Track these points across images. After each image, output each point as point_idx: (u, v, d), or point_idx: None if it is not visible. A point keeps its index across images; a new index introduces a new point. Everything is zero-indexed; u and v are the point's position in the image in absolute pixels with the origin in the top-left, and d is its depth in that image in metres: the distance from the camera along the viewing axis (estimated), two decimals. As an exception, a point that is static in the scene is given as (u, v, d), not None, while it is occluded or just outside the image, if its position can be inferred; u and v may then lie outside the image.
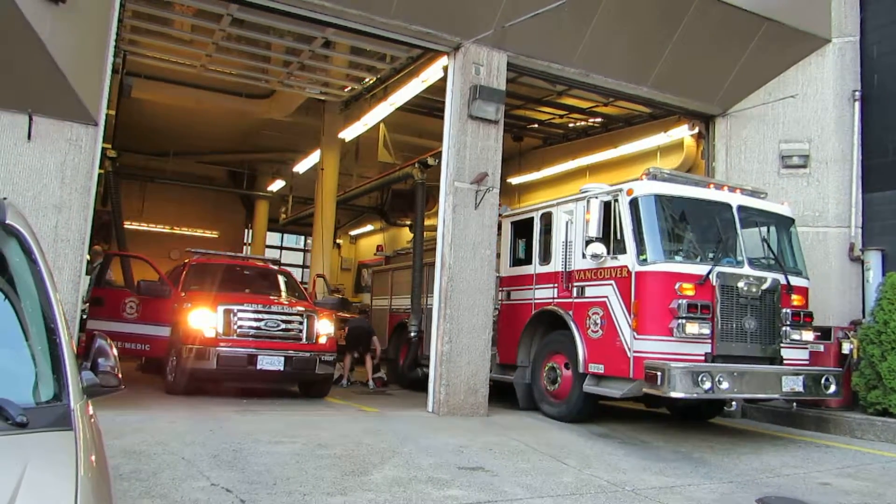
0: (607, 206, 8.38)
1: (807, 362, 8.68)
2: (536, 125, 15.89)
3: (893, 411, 8.74)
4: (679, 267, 7.91)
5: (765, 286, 8.07)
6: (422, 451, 6.63)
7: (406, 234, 21.92)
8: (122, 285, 12.06)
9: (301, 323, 9.82)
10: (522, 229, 10.05)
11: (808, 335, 8.63)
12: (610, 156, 14.94)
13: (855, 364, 9.40)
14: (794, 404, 9.46)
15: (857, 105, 10.60)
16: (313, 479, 5.35)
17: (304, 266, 28.39)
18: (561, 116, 15.03)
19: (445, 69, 9.65)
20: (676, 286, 7.72)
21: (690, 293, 7.70)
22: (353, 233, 27.84)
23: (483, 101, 9.14)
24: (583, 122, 15.30)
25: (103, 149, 13.89)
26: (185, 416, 7.77)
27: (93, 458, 2.14)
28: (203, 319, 9.32)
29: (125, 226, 21.57)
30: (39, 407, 2.15)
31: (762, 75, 10.95)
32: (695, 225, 8.54)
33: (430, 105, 13.28)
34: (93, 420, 2.49)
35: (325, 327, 10.01)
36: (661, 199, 8.17)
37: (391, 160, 15.18)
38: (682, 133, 13.10)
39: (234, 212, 26.34)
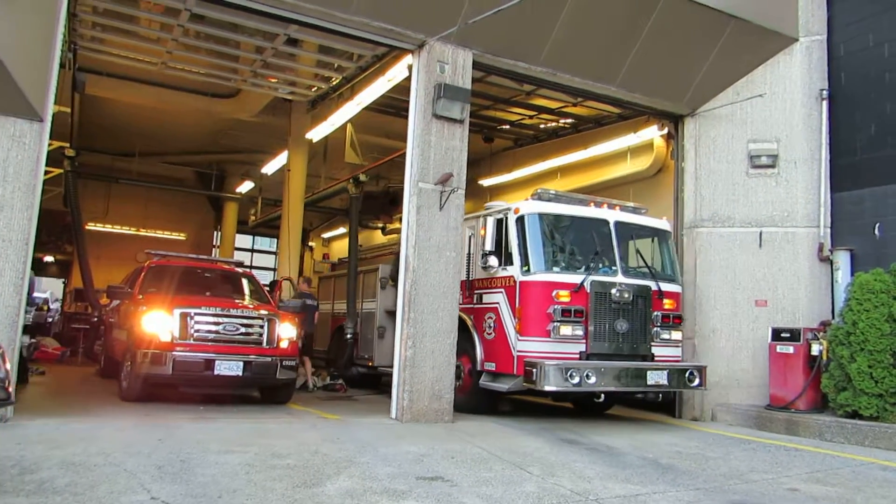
0: (500, 223, 9.53)
1: (678, 358, 9.75)
2: (507, 126, 15.74)
3: (863, 413, 8.67)
4: (557, 277, 9.02)
5: (635, 292, 9.16)
6: (380, 460, 6.39)
7: (378, 237, 21.67)
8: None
9: (262, 327, 9.53)
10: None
11: (677, 335, 9.76)
12: (581, 157, 14.83)
13: (825, 365, 9.33)
14: (661, 396, 10.68)
15: (825, 104, 10.55)
16: (262, 492, 5.08)
17: (275, 269, 27.99)
18: (531, 117, 14.88)
19: (410, 68, 9.44)
20: (554, 293, 8.85)
21: (566, 299, 8.84)
22: (325, 235, 27.51)
23: (448, 99, 8.93)
24: (553, 123, 15.17)
25: (61, 148, 13.68)
26: (134, 424, 7.48)
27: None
28: (158, 323, 9.00)
29: (88, 227, 21.28)
30: None
31: (730, 75, 10.87)
32: (575, 239, 9.60)
33: (397, 105, 13.07)
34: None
35: (286, 331, 9.73)
36: (543, 217, 9.33)
37: (358, 161, 14.93)
38: (652, 133, 13.01)
39: (202, 213, 25.90)
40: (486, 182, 17.74)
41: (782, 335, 9.86)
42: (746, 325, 10.49)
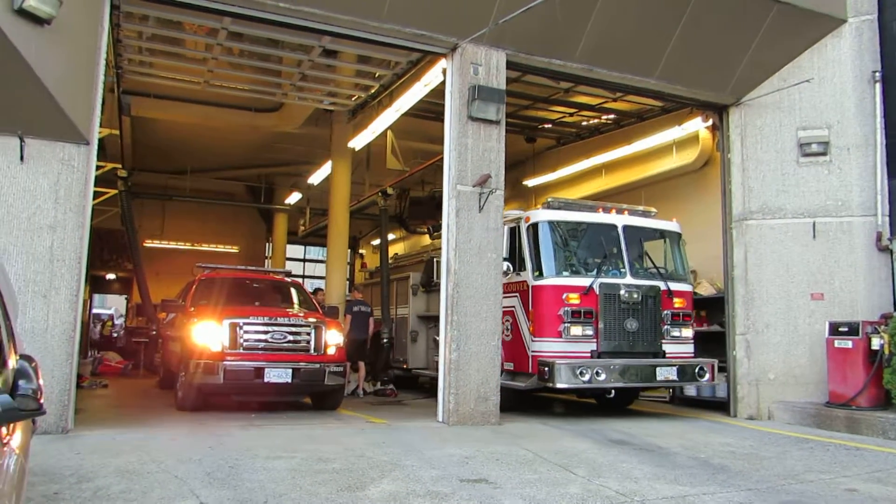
0: (512, 231, 9.98)
1: (690, 355, 10.09)
2: (548, 125, 15.62)
3: (928, 407, 8.31)
4: (567, 280, 9.50)
5: (644, 293, 9.64)
6: (425, 463, 6.41)
7: (425, 242, 21.76)
8: None
9: (309, 334, 9.68)
10: None
11: (688, 332, 10.13)
12: (625, 153, 14.62)
13: (887, 360, 8.95)
14: (671, 391, 11.37)
15: (878, 86, 10.15)
16: (306, 496, 5.16)
17: (324, 278, 28.36)
18: (571, 114, 14.74)
19: (445, 71, 9.47)
20: (564, 296, 9.34)
21: (576, 302, 9.33)
22: (375, 242, 27.75)
23: (483, 101, 8.92)
24: (595, 120, 14.99)
25: (115, 169, 14.18)
26: (187, 433, 7.67)
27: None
28: (209, 334, 9.23)
29: (146, 244, 21.96)
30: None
31: (776, 61, 10.56)
32: (584, 244, 10.04)
33: (435, 109, 13.02)
34: (6, 445, 2.32)
35: (333, 338, 9.85)
36: (553, 225, 9.80)
37: (400, 167, 15.03)
38: (697, 125, 12.76)
39: (253, 226, 26.42)
40: (530, 182, 17.67)
41: (840, 329, 9.50)
42: (802, 320, 10.15)
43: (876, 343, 9.12)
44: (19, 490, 2.52)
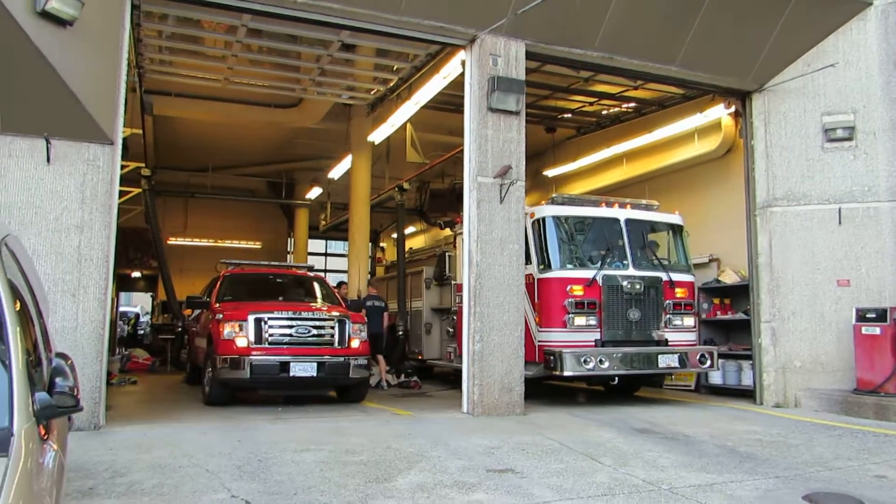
0: None
1: (692, 342, 10.49)
2: (568, 115, 15.55)
3: (958, 393, 8.19)
4: (571, 273, 9.86)
5: (647, 283, 9.95)
6: (451, 453, 6.46)
7: (446, 233, 21.79)
8: None
9: (333, 328, 9.75)
10: None
11: (690, 321, 10.49)
12: (646, 141, 14.49)
13: (916, 345, 8.85)
14: (672, 376, 11.61)
15: (904, 70, 9.98)
16: (335, 488, 5.22)
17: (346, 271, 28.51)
18: (591, 104, 14.66)
19: (464, 63, 9.46)
20: (568, 288, 9.65)
21: (580, 293, 9.63)
22: (395, 235, 27.80)
23: (502, 92, 8.91)
24: (615, 109, 14.90)
25: (138, 168, 14.34)
26: (216, 427, 7.78)
27: (31, 486, 2.02)
28: (235, 329, 9.33)
29: (170, 242, 22.21)
30: (-27, 433, 2.04)
31: (799, 45, 10.41)
32: (588, 238, 10.36)
33: (455, 101, 13.07)
34: (46, 442, 2.38)
35: (357, 331, 9.91)
36: (557, 220, 10.08)
37: (420, 160, 15.06)
38: (719, 112, 12.62)
39: (275, 221, 26.62)
40: (550, 173, 17.60)
41: (867, 315, 9.39)
42: (828, 307, 10.04)
43: (904, 329, 9.02)
44: (59, 485, 2.59)
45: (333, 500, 4.90)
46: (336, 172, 18.92)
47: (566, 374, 9.24)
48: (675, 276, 10.35)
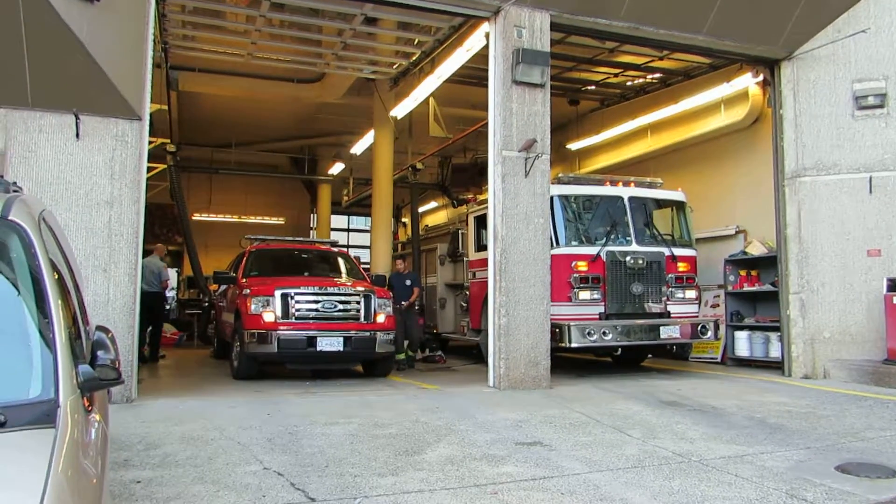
0: None
1: (694, 314, 10.84)
2: (592, 87, 15.35)
3: None
4: (576, 249, 10.15)
5: (649, 258, 10.28)
6: (479, 427, 6.50)
7: (461, 210, 21.77)
8: None
9: (359, 303, 9.80)
10: (482, 222, 11.24)
11: (692, 294, 10.80)
12: (671, 112, 14.27)
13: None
14: (674, 347, 11.58)
15: (940, 34, 9.72)
16: (366, 460, 5.28)
17: (369, 247, 28.61)
18: (616, 75, 14.46)
19: (487, 36, 9.35)
20: (573, 264, 9.96)
21: (584, 269, 9.98)
22: (419, 209, 27.78)
23: (527, 64, 8.81)
24: (640, 80, 14.67)
25: (164, 144, 14.42)
26: (245, 401, 7.88)
27: (79, 456, 2.05)
28: (262, 304, 9.41)
29: (195, 217, 22.40)
30: (21, 405, 2.08)
31: (830, 10, 10.17)
32: (593, 215, 10.65)
33: (478, 75, 12.95)
34: (91, 413, 2.42)
35: (383, 306, 9.96)
36: (562, 199, 10.26)
37: (443, 134, 14.97)
38: (746, 82, 12.37)
39: (298, 197, 26.73)
40: (573, 146, 17.44)
41: (899, 285, 9.27)
42: (858, 277, 9.91)
43: (939, 299, 8.89)
44: (104, 456, 2.64)
45: (364, 473, 4.95)
46: (358, 148, 18.90)
47: (572, 345, 9.53)
48: (678, 251, 10.65)
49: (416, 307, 12.40)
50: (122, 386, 7.24)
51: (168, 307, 26.69)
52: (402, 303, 11.68)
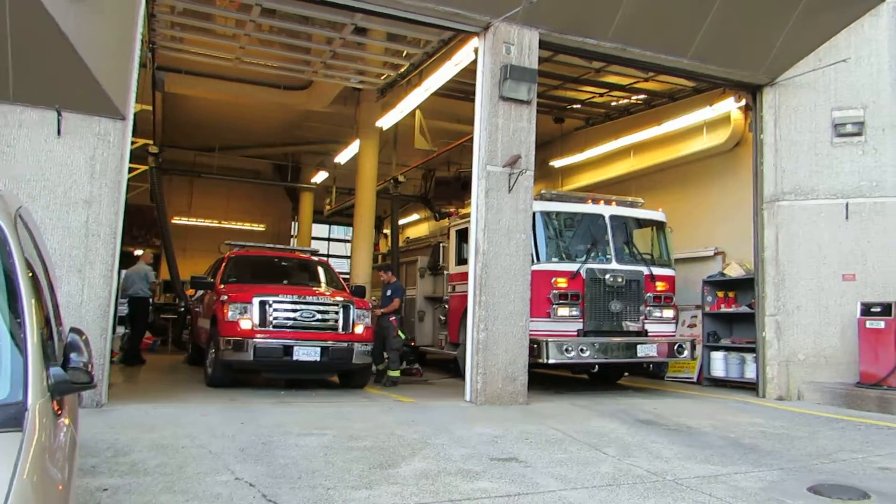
0: None
1: (671, 333, 10.84)
2: (577, 105, 15.47)
3: (962, 392, 8.19)
4: (556, 266, 10.17)
5: (628, 277, 10.33)
6: (455, 441, 6.46)
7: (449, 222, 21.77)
8: None
9: (337, 313, 9.73)
10: (463, 236, 11.09)
11: (669, 313, 10.84)
12: (654, 133, 14.43)
13: (920, 341, 8.85)
14: (651, 366, 12.08)
15: (917, 67, 9.92)
16: (340, 473, 5.22)
17: (349, 257, 28.50)
18: (601, 95, 14.58)
19: (476, 51, 9.39)
20: (553, 280, 9.98)
21: (563, 285, 10.02)
22: (400, 222, 27.75)
23: (514, 81, 8.86)
24: (625, 100, 14.81)
25: (146, 145, 14.29)
26: (218, 409, 7.78)
27: (45, 461, 2.00)
28: (239, 311, 9.31)
29: (174, 221, 22.19)
30: (-14, 407, 2.02)
31: (812, 40, 10.35)
32: (574, 232, 10.77)
33: (465, 89, 13.03)
34: (60, 417, 2.36)
35: (361, 317, 9.90)
36: (544, 215, 10.33)
37: (428, 147, 14.99)
38: (729, 106, 12.56)
39: (279, 204, 26.58)
40: (557, 163, 17.54)
41: (872, 310, 9.40)
42: (833, 301, 10.04)
43: (910, 323, 9.02)
44: (72, 462, 2.58)
45: (338, 485, 4.89)
46: (343, 157, 18.85)
47: (550, 361, 9.54)
48: (657, 271, 10.72)
49: (394, 317, 12.18)
50: (92, 390, 7.15)
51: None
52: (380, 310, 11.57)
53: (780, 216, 10.48)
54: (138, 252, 14.83)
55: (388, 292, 11.54)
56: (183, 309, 15.83)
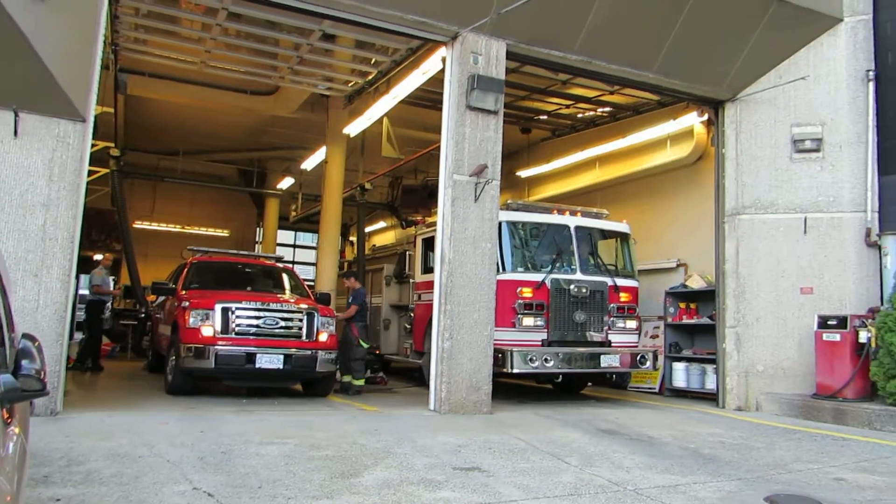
0: None
1: (634, 344, 10.92)
2: (544, 116, 15.59)
3: (914, 402, 8.41)
4: (522, 276, 10.18)
5: (592, 288, 10.39)
6: (418, 451, 6.43)
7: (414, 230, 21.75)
8: None
9: (301, 320, 9.65)
10: (430, 244, 11.14)
11: (632, 324, 10.90)
12: (619, 146, 14.62)
13: (873, 353, 9.07)
14: (614, 376, 12.33)
15: (872, 85, 10.20)
16: (300, 482, 5.16)
17: (315, 264, 28.27)
18: (568, 106, 14.72)
19: (444, 60, 9.42)
20: (518, 290, 9.99)
21: (529, 295, 10.02)
22: (367, 229, 27.63)
23: (482, 91, 8.90)
24: (591, 112, 14.98)
25: (107, 148, 14.03)
26: (178, 417, 7.65)
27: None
28: (201, 318, 9.18)
29: (136, 225, 21.81)
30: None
31: (772, 57, 10.59)
32: (540, 242, 10.80)
33: (432, 98, 13.04)
34: (9, 426, 2.30)
35: (326, 325, 9.82)
36: (510, 225, 10.37)
37: (395, 155, 14.98)
38: (692, 120, 12.78)
39: (244, 210, 26.26)
40: (523, 173, 17.66)
41: (829, 323, 9.61)
42: (791, 313, 10.25)
43: (863, 336, 9.25)
44: (21, 471, 2.51)
45: (298, 495, 4.83)
46: (309, 163, 18.73)
47: (514, 371, 9.56)
48: (620, 282, 10.81)
49: (356, 325, 11.93)
50: (46, 398, 6.97)
51: (102, 316, 25.86)
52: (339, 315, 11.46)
53: (740, 229, 10.68)
54: (98, 256, 14.59)
55: (350, 299, 11.48)
56: (143, 315, 15.55)
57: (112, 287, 13.36)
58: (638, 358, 10.56)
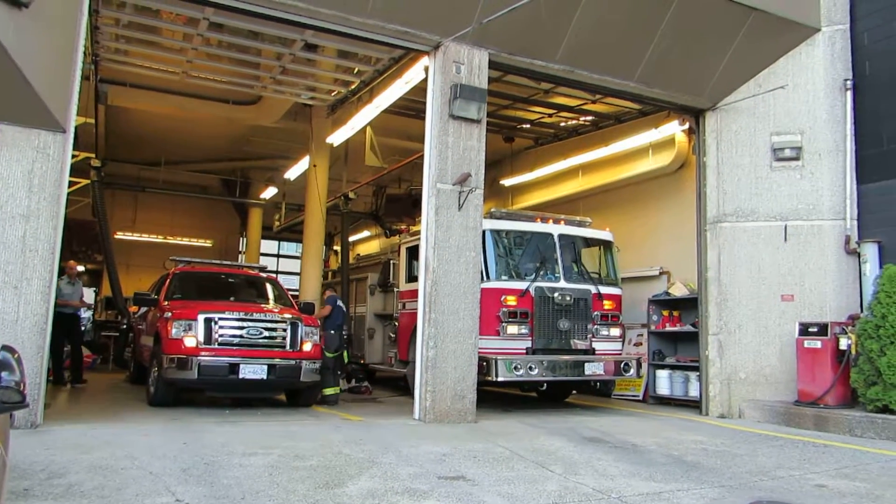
0: None
1: (618, 352, 11.02)
2: (527, 125, 15.67)
3: (894, 408, 8.50)
4: (505, 284, 10.24)
5: (576, 296, 10.47)
6: (402, 460, 6.41)
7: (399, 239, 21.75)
8: None
9: (285, 330, 9.61)
10: (414, 253, 11.25)
11: (616, 331, 10.97)
12: (602, 154, 14.71)
13: (854, 360, 9.16)
14: (598, 384, 12.01)
15: (849, 94, 10.35)
16: (284, 493, 5.13)
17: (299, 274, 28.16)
18: (550, 115, 14.80)
19: (427, 69, 9.46)
20: (502, 298, 10.05)
21: (513, 303, 10.07)
22: (351, 238, 27.59)
23: (464, 100, 8.94)
24: (573, 121, 15.08)
25: (88, 158, 13.93)
26: (160, 429, 7.58)
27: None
28: (184, 328, 9.12)
29: (117, 236, 21.64)
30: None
31: (751, 67, 10.73)
32: (523, 251, 10.82)
33: (416, 107, 13.09)
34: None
35: (310, 335, 9.79)
36: (494, 233, 10.42)
37: (379, 164, 15.00)
38: (674, 129, 12.89)
39: (227, 220, 26.17)
40: (507, 182, 17.72)
41: (810, 330, 9.70)
42: (773, 321, 10.34)
43: (844, 343, 9.34)
44: (0, 484, 2.48)
45: (282, 505, 4.81)
46: (292, 173, 18.69)
47: (499, 379, 9.58)
48: (604, 290, 10.89)
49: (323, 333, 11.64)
50: (26, 410, 6.89)
51: (83, 328, 25.61)
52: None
53: (722, 237, 10.77)
54: (80, 268, 14.20)
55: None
56: (125, 326, 15.41)
57: (80, 298, 12.36)
58: (622, 365, 10.65)
